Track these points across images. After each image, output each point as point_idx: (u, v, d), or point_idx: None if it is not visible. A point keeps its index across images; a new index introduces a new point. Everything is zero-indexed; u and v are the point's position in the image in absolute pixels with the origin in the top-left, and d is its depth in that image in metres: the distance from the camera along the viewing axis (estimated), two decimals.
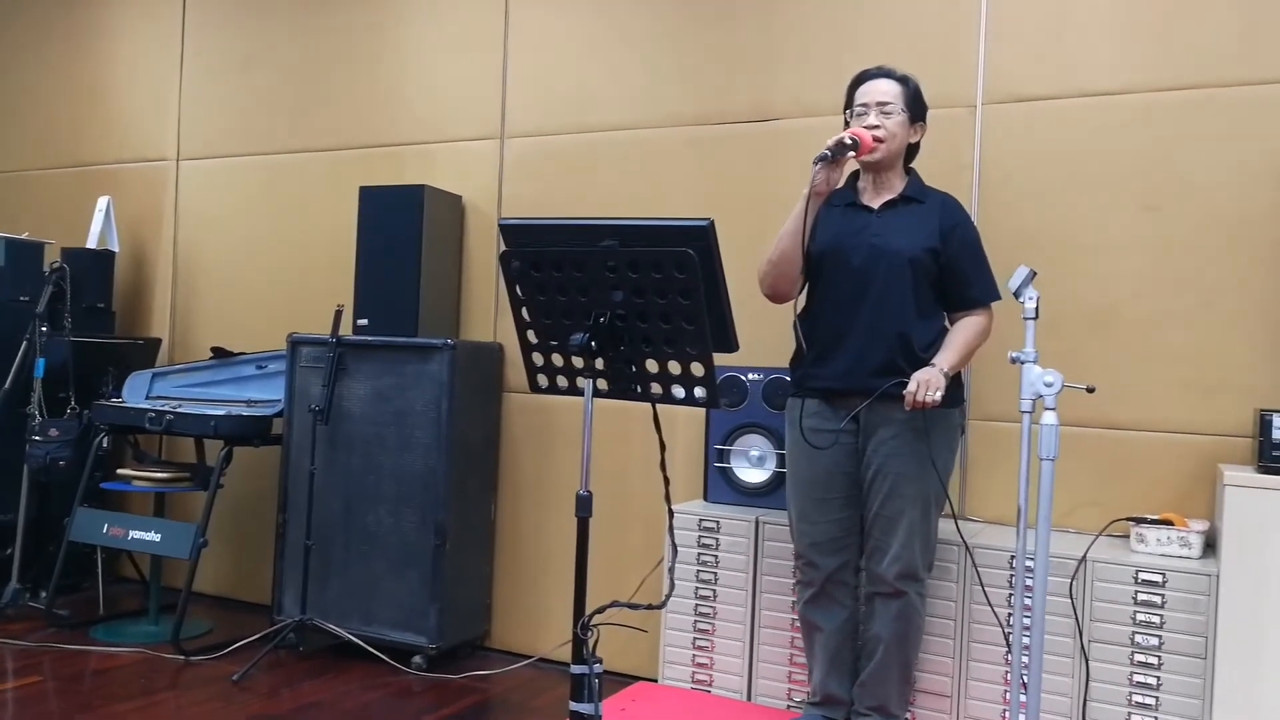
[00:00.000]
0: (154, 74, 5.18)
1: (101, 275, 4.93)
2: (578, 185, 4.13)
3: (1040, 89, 3.41)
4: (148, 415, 4.21)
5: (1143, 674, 2.88)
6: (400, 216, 4.07)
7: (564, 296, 2.39)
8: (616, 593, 3.88)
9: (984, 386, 3.37)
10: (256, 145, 4.88)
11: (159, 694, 3.53)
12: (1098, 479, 3.31)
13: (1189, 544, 2.96)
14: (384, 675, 3.80)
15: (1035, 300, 2.56)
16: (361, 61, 4.62)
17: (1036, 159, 3.41)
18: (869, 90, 3.01)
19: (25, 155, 5.59)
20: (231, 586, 4.82)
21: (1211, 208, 3.20)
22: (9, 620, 4.27)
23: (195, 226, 5.04)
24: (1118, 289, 3.30)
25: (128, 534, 4.12)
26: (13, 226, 5.20)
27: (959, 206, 3.07)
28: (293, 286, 4.75)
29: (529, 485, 4.19)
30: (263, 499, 4.66)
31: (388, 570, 3.94)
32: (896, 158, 3.03)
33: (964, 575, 3.12)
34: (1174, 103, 3.25)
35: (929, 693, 3.16)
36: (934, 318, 3.01)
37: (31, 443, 4.32)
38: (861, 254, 2.98)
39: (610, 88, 4.08)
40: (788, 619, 3.37)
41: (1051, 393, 2.48)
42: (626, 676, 3.80)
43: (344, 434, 4.03)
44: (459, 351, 3.91)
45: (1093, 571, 2.95)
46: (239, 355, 4.53)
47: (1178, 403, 3.22)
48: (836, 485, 3.05)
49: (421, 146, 4.47)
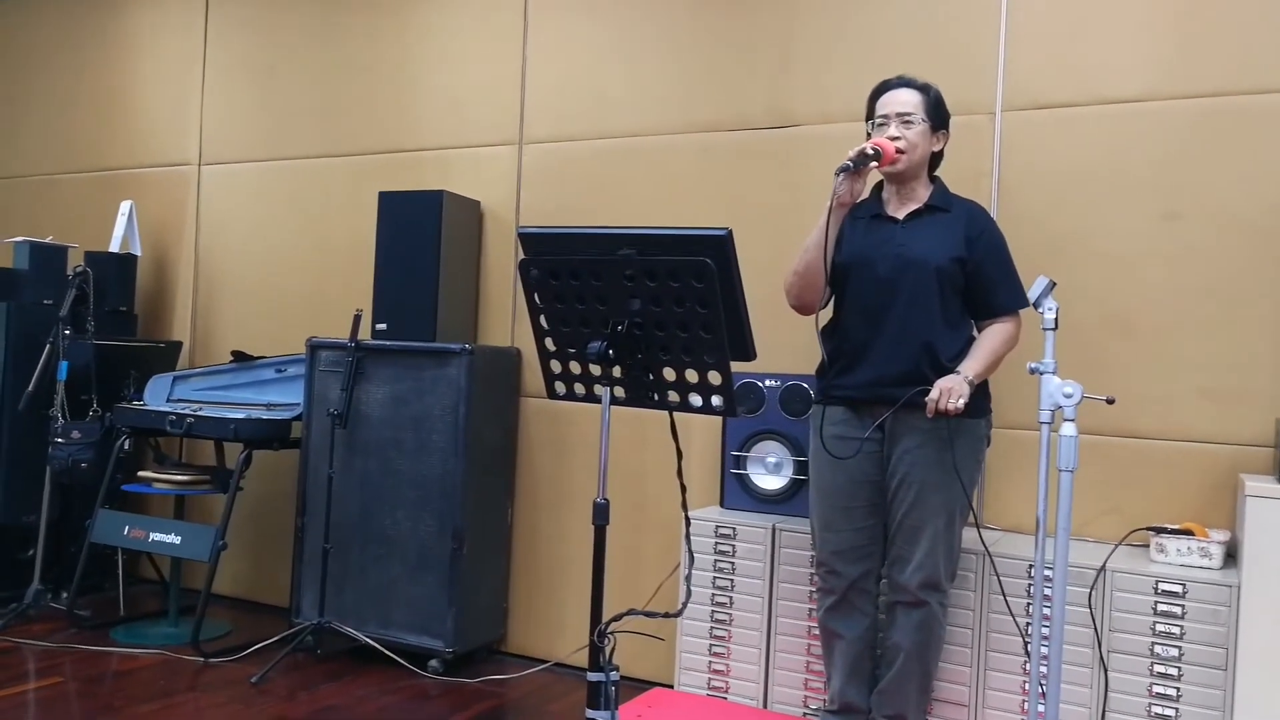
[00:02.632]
0: (176, 79, 5.22)
1: (124, 279, 4.97)
2: (596, 191, 4.14)
3: (1060, 96, 3.40)
4: (168, 418, 4.24)
5: (1162, 685, 2.86)
6: (419, 222, 4.08)
7: (582, 305, 2.40)
8: (633, 598, 3.88)
9: (1004, 394, 3.35)
10: (277, 150, 4.91)
11: (179, 695, 3.55)
12: (1117, 488, 3.29)
13: (1209, 554, 2.94)
14: (401, 679, 3.81)
15: (1055, 311, 2.54)
16: (381, 67, 4.64)
17: (1056, 166, 3.40)
18: (889, 100, 3.00)
19: (49, 159, 5.65)
20: (250, 589, 4.85)
21: (1232, 216, 3.18)
22: (31, 621, 4.31)
23: (216, 231, 5.07)
24: (1138, 297, 3.28)
25: (148, 536, 4.15)
26: (36, 230, 5.25)
27: (985, 214, 3.06)
28: (312, 291, 4.77)
29: (546, 490, 4.19)
30: (281, 502, 4.69)
31: (405, 574, 3.96)
32: (920, 167, 3.02)
33: (983, 584, 3.11)
34: (1195, 110, 3.23)
35: (947, 702, 3.14)
36: (961, 327, 3.00)
37: (54, 445, 4.35)
38: (888, 264, 2.97)
39: (628, 94, 4.09)
40: (804, 626, 3.36)
41: (1071, 404, 2.46)
42: (642, 682, 3.80)
43: (362, 438, 4.05)
44: (477, 356, 3.92)
45: (1112, 581, 2.93)
46: (259, 359, 4.56)
47: (1198, 412, 3.20)
48: (861, 493, 3.05)
49: (440, 152, 4.49)
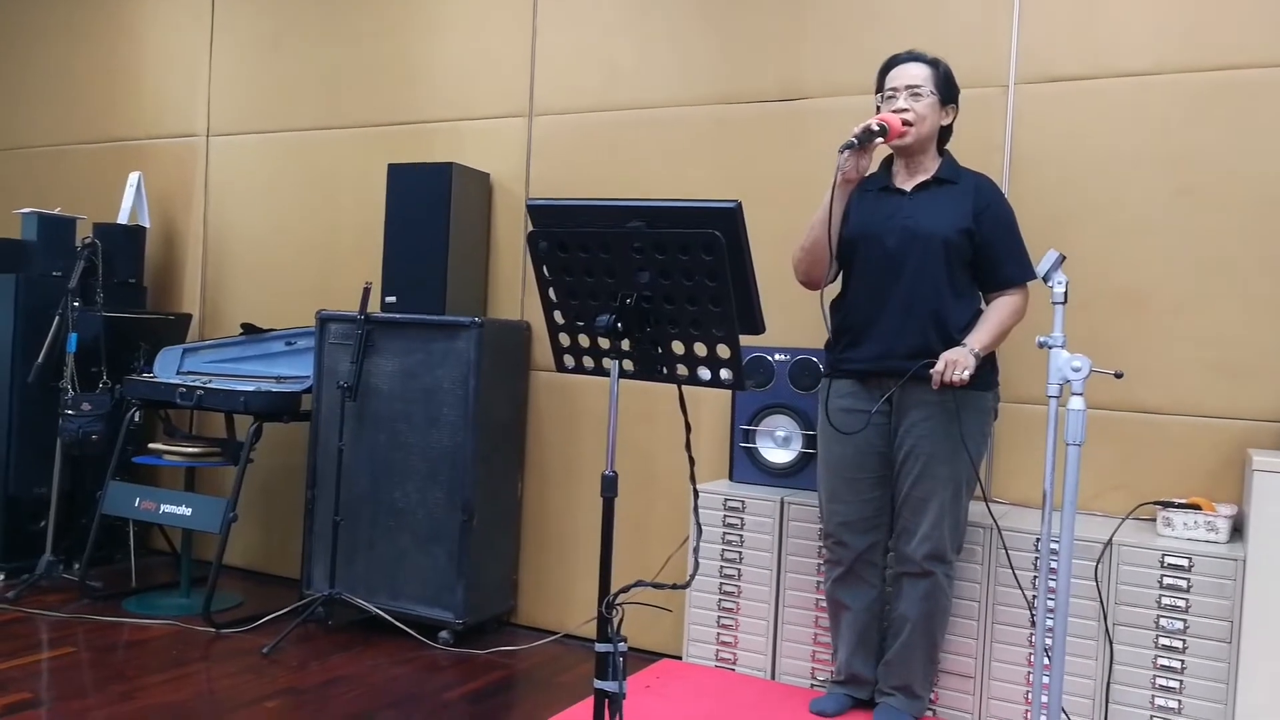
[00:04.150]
0: (184, 50, 5.21)
1: (133, 251, 4.97)
2: (605, 163, 4.13)
3: (1073, 69, 3.38)
4: (178, 390, 4.25)
5: (1167, 658, 2.87)
6: (428, 194, 4.08)
7: (590, 277, 2.40)
8: (642, 571, 3.91)
9: (1012, 368, 3.35)
10: (286, 121, 4.90)
11: (191, 665, 3.58)
12: (1125, 462, 3.29)
13: (1216, 529, 2.95)
14: (411, 650, 3.84)
15: (1064, 285, 2.54)
16: (390, 38, 4.62)
17: (1068, 140, 3.38)
18: (899, 74, 2.99)
19: (57, 130, 5.64)
20: (261, 560, 4.88)
21: (1245, 190, 3.16)
22: (43, 592, 4.35)
23: (225, 202, 5.07)
24: (1148, 271, 3.27)
25: (159, 508, 4.17)
26: (44, 202, 5.25)
27: (993, 186, 3.05)
28: (321, 263, 4.78)
29: (555, 463, 4.21)
30: (292, 474, 4.71)
31: (415, 546, 3.98)
32: (928, 141, 3.01)
33: (990, 557, 3.12)
34: (1208, 83, 3.21)
35: (953, 673, 3.16)
36: (969, 299, 3.00)
37: (64, 417, 4.37)
38: (895, 237, 2.97)
39: (638, 66, 4.07)
40: (812, 598, 3.38)
41: (1079, 378, 2.46)
42: (651, 654, 3.82)
43: (372, 411, 4.07)
44: (486, 329, 3.92)
45: (1118, 555, 2.94)
46: (268, 332, 4.56)
47: (1207, 386, 3.20)
48: (868, 465, 3.06)
49: (450, 124, 4.47)
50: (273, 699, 3.31)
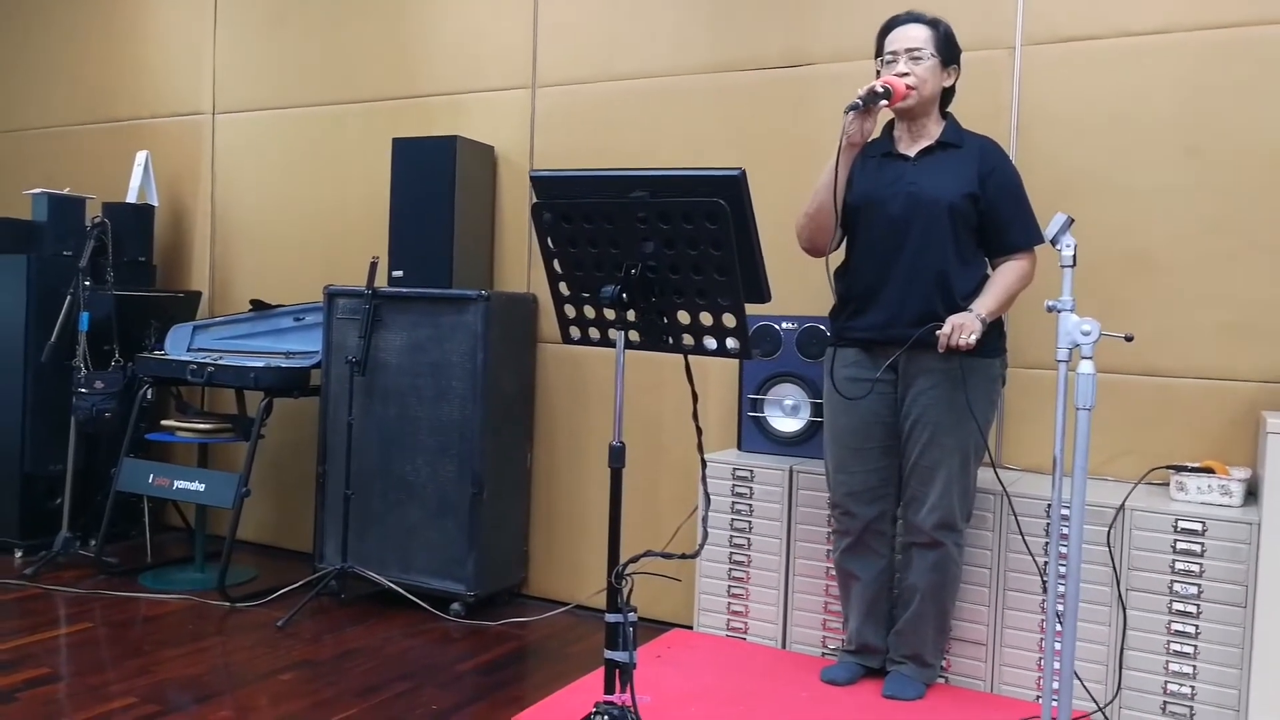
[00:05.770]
0: (189, 28, 5.18)
1: (142, 229, 4.98)
2: (609, 133, 4.10)
3: (1080, 29, 3.33)
4: (189, 367, 4.27)
5: (1181, 623, 2.86)
6: (433, 168, 4.07)
7: (595, 248, 2.39)
8: (651, 541, 3.91)
9: (1021, 333, 3.33)
10: (291, 98, 4.88)
11: (206, 639, 3.61)
12: (1137, 426, 3.27)
13: (1230, 492, 2.93)
14: (423, 622, 3.86)
15: (1073, 248, 2.51)
16: (394, 12, 4.59)
17: (1076, 101, 3.34)
18: (898, 37, 2.95)
19: (63, 111, 5.64)
20: (274, 535, 4.91)
21: (1254, 150, 3.12)
22: (60, 568, 4.38)
23: (232, 180, 5.07)
24: (1157, 233, 3.24)
25: (173, 484, 4.20)
26: (53, 182, 5.26)
27: (998, 149, 3.01)
28: (328, 238, 4.77)
29: (564, 434, 4.21)
30: (302, 449, 4.73)
31: (426, 519, 3.99)
32: (930, 104, 2.97)
33: (1001, 524, 3.11)
34: (1217, 42, 3.16)
35: (965, 640, 3.16)
36: (975, 264, 2.97)
37: (78, 395, 4.40)
38: (899, 203, 2.94)
39: (641, 34, 4.03)
40: (822, 567, 3.38)
41: (1089, 341, 2.44)
42: (661, 623, 3.83)
43: (381, 385, 4.07)
44: (493, 303, 3.92)
45: (1131, 520, 2.93)
46: (277, 307, 4.57)
47: (1219, 348, 3.17)
48: (874, 434, 3.05)
49: (453, 97, 4.45)
50: (287, 672, 3.34)
